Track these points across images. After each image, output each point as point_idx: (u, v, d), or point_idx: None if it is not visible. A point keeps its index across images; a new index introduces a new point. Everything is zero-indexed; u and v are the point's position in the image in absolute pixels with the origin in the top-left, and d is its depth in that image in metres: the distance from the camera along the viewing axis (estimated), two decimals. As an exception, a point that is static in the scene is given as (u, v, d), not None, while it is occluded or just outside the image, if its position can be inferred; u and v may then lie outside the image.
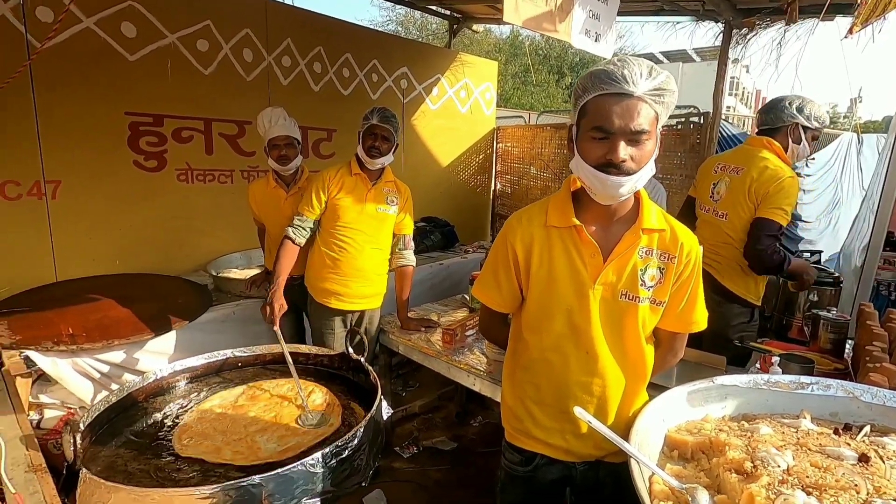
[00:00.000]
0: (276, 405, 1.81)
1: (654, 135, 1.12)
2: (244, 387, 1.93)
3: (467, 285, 4.15)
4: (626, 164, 1.09)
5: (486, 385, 2.07)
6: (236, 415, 1.72)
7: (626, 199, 1.20)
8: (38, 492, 1.16)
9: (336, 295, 2.43)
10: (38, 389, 2.34)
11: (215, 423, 1.67)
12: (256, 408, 1.78)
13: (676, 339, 1.31)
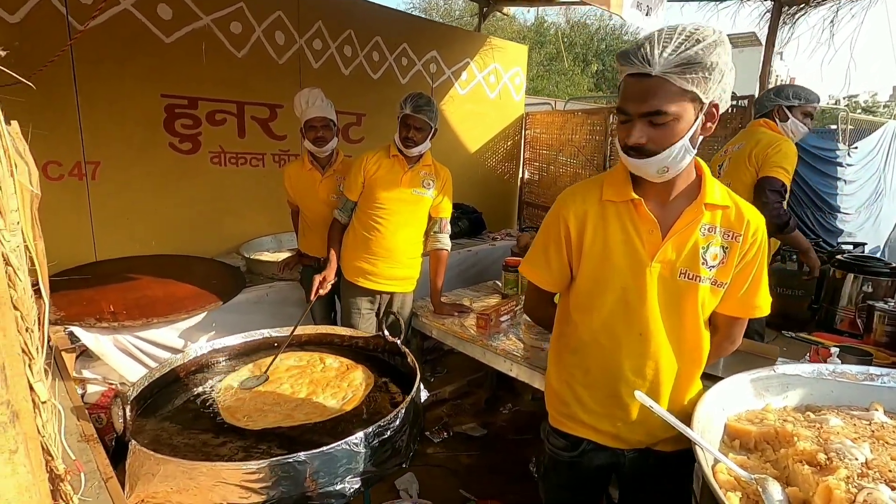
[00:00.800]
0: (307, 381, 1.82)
1: (684, 113, 1.04)
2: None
3: (497, 272, 4.14)
4: (644, 146, 1.06)
5: (524, 370, 2.04)
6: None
7: (682, 174, 1.13)
8: (92, 461, 1.17)
9: (365, 274, 2.42)
10: (80, 365, 2.40)
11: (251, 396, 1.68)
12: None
13: (735, 324, 1.24)
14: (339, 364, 1.94)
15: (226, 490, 1.23)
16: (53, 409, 0.75)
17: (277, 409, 1.60)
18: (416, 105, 2.31)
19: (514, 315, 2.53)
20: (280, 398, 1.67)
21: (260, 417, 1.55)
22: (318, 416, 1.60)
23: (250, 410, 1.61)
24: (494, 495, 2.37)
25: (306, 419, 1.57)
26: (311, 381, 1.81)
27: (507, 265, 2.76)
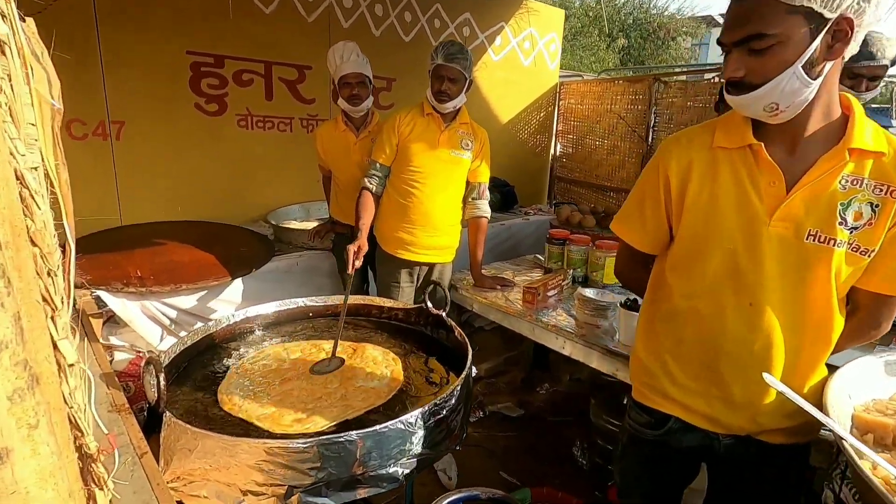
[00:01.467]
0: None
1: (793, 34, 0.84)
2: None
3: (531, 247, 3.96)
4: (742, 79, 0.90)
5: (579, 348, 1.88)
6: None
7: (815, 112, 0.92)
8: (124, 433, 1.06)
9: (404, 245, 2.26)
10: (106, 331, 2.31)
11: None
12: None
13: (885, 305, 1.00)
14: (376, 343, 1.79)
15: (270, 468, 1.10)
16: (82, 375, 0.61)
17: (324, 400, 1.44)
18: (449, 53, 2.11)
19: (561, 290, 2.36)
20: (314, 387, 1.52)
21: (315, 412, 1.39)
22: (373, 398, 1.45)
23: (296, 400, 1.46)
24: (537, 479, 2.24)
25: (366, 405, 1.42)
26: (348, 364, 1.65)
27: (552, 237, 2.58)
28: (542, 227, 4.11)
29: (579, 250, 2.47)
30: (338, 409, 1.38)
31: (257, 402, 1.39)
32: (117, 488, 0.90)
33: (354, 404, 1.41)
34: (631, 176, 4.50)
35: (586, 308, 1.95)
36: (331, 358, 1.63)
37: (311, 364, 1.61)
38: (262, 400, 1.40)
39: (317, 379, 1.52)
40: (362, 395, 1.47)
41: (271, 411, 1.35)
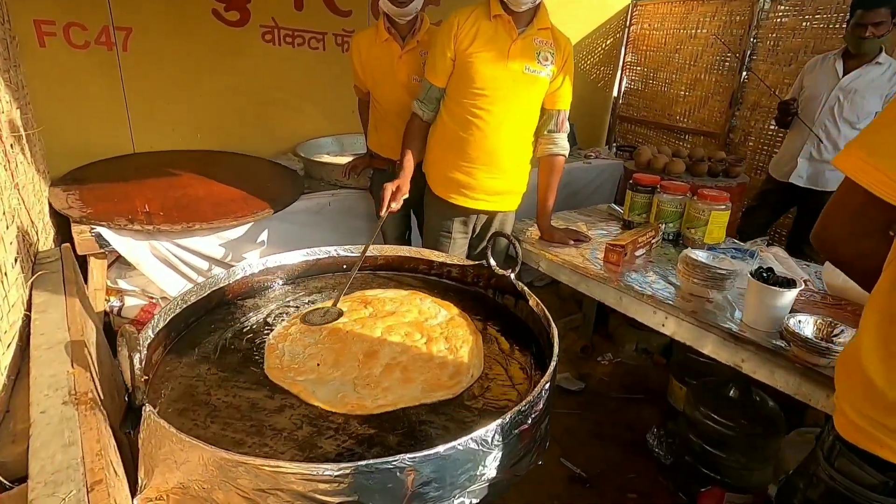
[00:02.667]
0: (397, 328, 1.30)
1: None
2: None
3: (594, 196, 3.46)
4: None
5: (686, 328, 1.45)
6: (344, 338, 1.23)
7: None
8: (76, 443, 0.71)
9: (460, 188, 1.83)
10: (115, 274, 2.02)
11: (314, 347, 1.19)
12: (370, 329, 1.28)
13: None
14: (435, 305, 1.41)
15: (287, 498, 0.76)
16: None
17: (367, 378, 1.09)
18: None
19: (650, 249, 1.91)
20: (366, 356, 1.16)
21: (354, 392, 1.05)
22: (437, 390, 1.09)
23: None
24: (606, 471, 1.90)
25: (424, 397, 1.07)
26: (407, 333, 1.27)
27: (638, 183, 2.09)
28: (605, 174, 3.59)
29: (673, 200, 1.98)
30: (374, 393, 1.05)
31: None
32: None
33: (399, 392, 1.05)
34: (714, 117, 3.85)
35: (695, 275, 1.51)
36: (329, 307, 1.31)
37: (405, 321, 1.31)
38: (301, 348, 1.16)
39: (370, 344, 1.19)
40: (418, 380, 1.11)
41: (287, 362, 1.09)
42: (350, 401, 1.02)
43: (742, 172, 2.75)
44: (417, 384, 1.10)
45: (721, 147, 3.67)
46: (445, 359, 1.20)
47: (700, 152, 2.85)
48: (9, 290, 1.01)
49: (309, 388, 1.04)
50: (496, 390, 1.13)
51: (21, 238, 1.21)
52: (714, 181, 2.58)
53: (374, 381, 1.08)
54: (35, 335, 0.99)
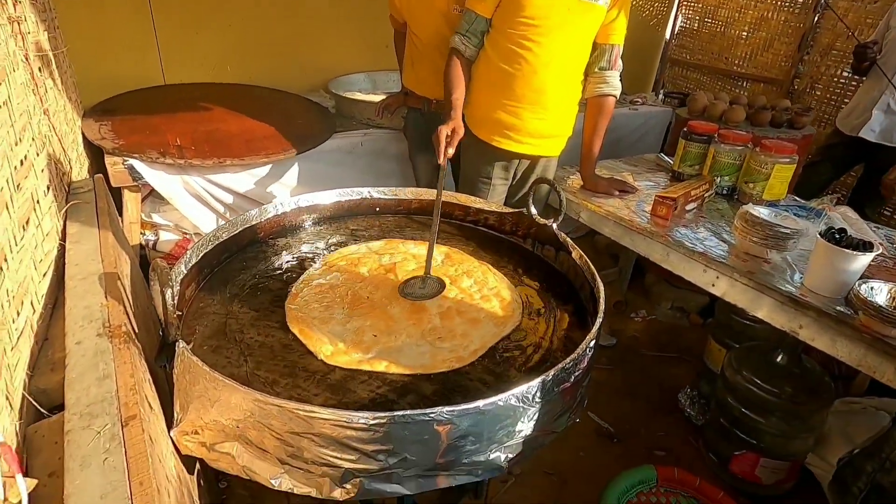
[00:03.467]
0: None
1: None
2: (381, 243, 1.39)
3: (638, 144, 3.25)
4: None
5: (740, 289, 1.36)
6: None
7: None
8: (110, 377, 0.70)
9: (503, 129, 1.71)
10: (150, 208, 2.02)
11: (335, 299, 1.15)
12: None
13: None
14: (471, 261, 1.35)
15: (320, 445, 0.74)
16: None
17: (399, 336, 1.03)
18: None
19: (702, 203, 1.78)
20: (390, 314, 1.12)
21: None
22: (506, 323, 1.09)
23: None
24: (636, 428, 1.87)
25: (500, 331, 1.06)
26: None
27: (693, 131, 1.93)
28: (652, 121, 3.36)
29: (732, 151, 1.82)
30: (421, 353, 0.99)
31: (326, 321, 1.04)
32: (76, 480, 0.55)
33: (444, 350, 1.00)
34: (779, 61, 3.51)
35: (754, 233, 1.39)
36: (425, 276, 1.21)
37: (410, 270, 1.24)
38: (332, 317, 1.06)
39: (397, 305, 1.12)
40: (482, 318, 1.09)
41: (342, 343, 0.99)
42: (444, 356, 0.98)
43: (809, 123, 2.51)
44: (485, 322, 1.09)
45: (783, 96, 3.36)
46: (489, 298, 1.17)
47: (762, 100, 2.61)
48: (42, 218, 0.99)
49: (386, 360, 0.96)
50: (532, 344, 1.09)
51: (53, 166, 1.19)
52: (777, 132, 2.37)
53: (446, 333, 1.05)
54: (70, 265, 0.98)
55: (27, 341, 0.79)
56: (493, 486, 1.57)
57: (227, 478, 1.54)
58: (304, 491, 0.78)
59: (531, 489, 1.60)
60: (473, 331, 1.06)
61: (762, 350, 1.61)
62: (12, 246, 0.79)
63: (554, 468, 1.67)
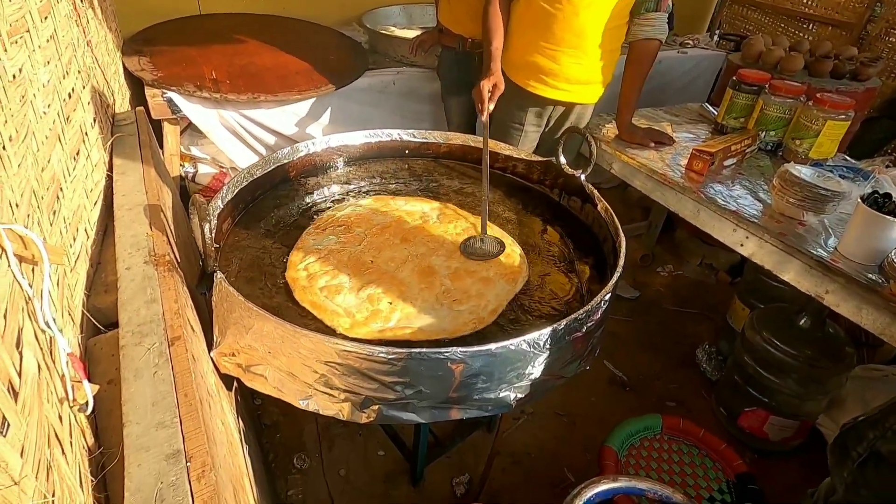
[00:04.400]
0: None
1: None
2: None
3: (686, 91, 3.08)
4: None
5: (769, 251, 1.33)
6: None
7: None
8: (156, 300, 0.77)
9: (539, 74, 1.65)
10: (188, 141, 2.08)
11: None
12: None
13: None
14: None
15: (344, 373, 0.81)
16: None
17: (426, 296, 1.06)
18: None
19: (742, 158, 1.71)
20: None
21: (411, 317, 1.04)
22: (516, 280, 1.11)
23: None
24: (650, 379, 1.92)
25: (513, 289, 1.09)
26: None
27: (742, 80, 1.81)
28: (701, 67, 3.14)
29: (783, 104, 1.71)
30: (441, 316, 1.01)
31: (337, 292, 1.03)
32: (131, 388, 0.63)
33: (465, 312, 1.03)
34: (851, 2, 3.18)
35: (792, 194, 1.34)
36: (482, 236, 1.22)
37: (407, 229, 1.24)
38: (342, 287, 1.04)
39: (404, 269, 1.12)
40: (492, 276, 1.11)
41: (359, 314, 0.99)
42: (464, 319, 0.99)
43: (875, 75, 2.31)
44: (496, 280, 1.10)
45: (853, 42, 3.07)
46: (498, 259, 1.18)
47: (826, 47, 2.39)
48: (90, 149, 1.05)
49: (408, 327, 0.97)
50: (549, 295, 1.12)
51: (97, 98, 1.24)
52: (837, 84, 2.19)
53: (461, 295, 1.05)
54: (117, 195, 1.05)
55: (83, 265, 0.87)
56: (505, 421, 1.67)
57: (260, 396, 1.68)
58: (330, 413, 0.87)
59: (541, 428, 1.70)
60: (487, 290, 1.07)
61: (786, 312, 1.60)
62: (66, 176, 0.85)
63: (565, 410, 1.76)
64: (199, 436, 0.59)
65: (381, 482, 1.48)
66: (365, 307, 1.01)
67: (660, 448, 1.33)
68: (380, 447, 1.58)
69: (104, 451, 0.63)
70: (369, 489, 1.46)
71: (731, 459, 1.28)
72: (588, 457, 1.58)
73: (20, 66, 0.69)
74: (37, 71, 0.78)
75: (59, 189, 0.81)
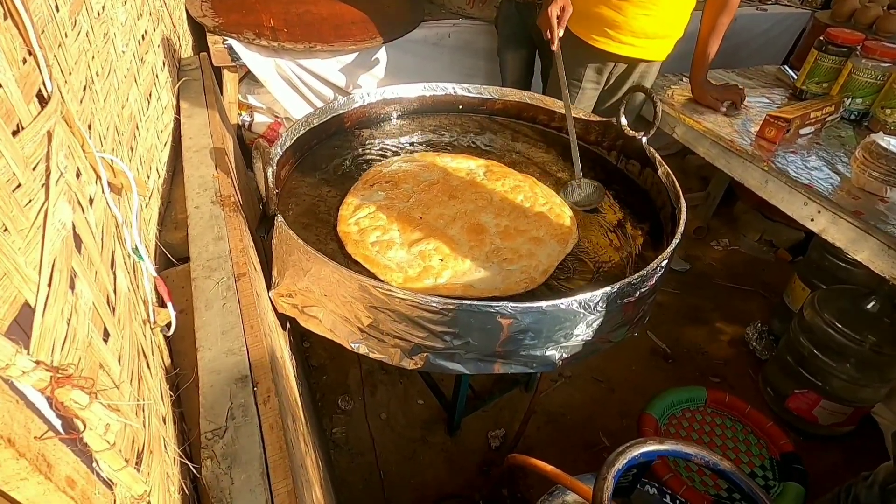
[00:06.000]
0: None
1: None
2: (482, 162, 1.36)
3: (764, 53, 2.84)
4: None
5: (844, 227, 1.25)
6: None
7: None
8: (223, 238, 0.81)
9: (603, 26, 1.56)
10: (245, 90, 2.11)
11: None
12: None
13: None
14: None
15: (395, 320, 0.84)
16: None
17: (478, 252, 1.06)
18: None
19: (822, 127, 1.58)
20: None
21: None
22: (567, 240, 1.10)
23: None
24: (693, 352, 1.88)
25: (563, 248, 1.08)
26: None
27: (830, 40, 1.65)
28: (782, 26, 2.89)
29: (875, 69, 1.56)
30: (493, 274, 1.01)
31: (388, 247, 1.04)
32: (203, 317, 0.68)
33: (516, 270, 1.03)
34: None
35: (878, 167, 1.24)
36: (580, 180, 1.22)
37: (454, 185, 1.24)
38: (393, 242, 1.05)
39: (454, 227, 1.12)
40: (543, 236, 1.10)
41: (411, 269, 1.00)
42: (516, 278, 0.99)
43: None
44: (546, 240, 1.09)
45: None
46: (545, 215, 1.16)
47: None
48: (161, 92, 1.09)
49: (460, 284, 0.98)
50: (602, 258, 1.10)
51: (165, 42, 1.27)
52: (941, 48, 1.97)
53: (511, 254, 1.05)
54: (185, 138, 1.09)
55: (156, 202, 0.92)
56: (543, 381, 1.69)
57: (309, 339, 1.77)
58: (378, 357, 0.90)
59: (579, 391, 1.71)
60: (538, 250, 1.06)
61: (853, 294, 1.51)
62: (141, 116, 0.89)
63: (604, 377, 1.76)
64: (264, 364, 0.63)
65: (420, 428, 1.55)
66: (417, 263, 1.02)
67: (702, 420, 1.31)
68: (419, 396, 1.64)
69: (179, 372, 0.68)
70: (408, 433, 1.53)
71: (778, 438, 1.25)
72: (624, 422, 1.59)
73: (103, 4, 0.72)
74: (116, 9, 0.80)
75: (136, 127, 0.85)
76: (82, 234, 0.40)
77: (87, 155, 0.45)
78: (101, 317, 0.40)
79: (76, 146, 0.43)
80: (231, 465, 0.52)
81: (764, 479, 1.18)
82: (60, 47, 0.50)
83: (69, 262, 0.35)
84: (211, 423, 0.55)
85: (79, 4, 0.59)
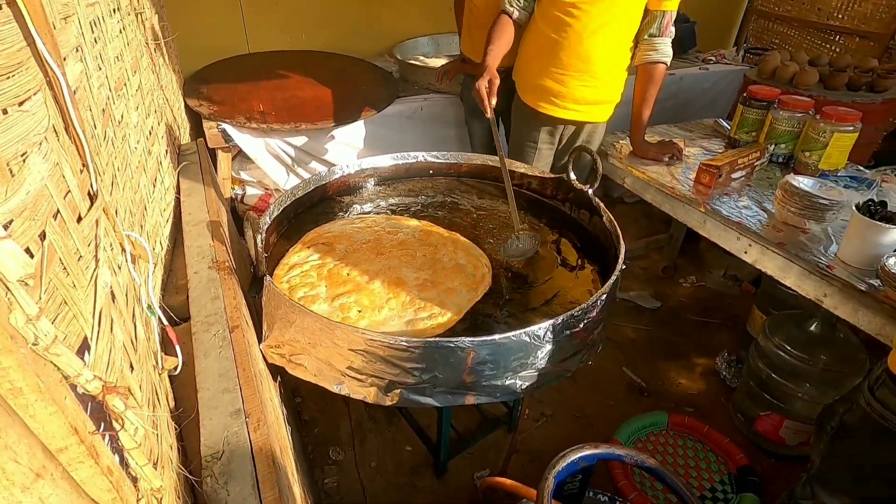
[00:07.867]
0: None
1: None
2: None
3: (709, 107, 3.14)
4: None
5: (771, 257, 1.41)
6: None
7: None
8: (219, 297, 0.94)
9: (549, 96, 1.79)
10: (238, 166, 2.32)
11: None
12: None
13: None
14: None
15: (370, 360, 0.96)
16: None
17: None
18: None
19: (752, 172, 1.78)
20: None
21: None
22: (478, 286, 1.22)
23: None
24: (668, 386, 1.98)
25: (473, 297, 1.20)
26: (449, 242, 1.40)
27: (752, 97, 1.89)
28: (724, 83, 3.20)
29: (791, 118, 1.78)
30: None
31: (312, 301, 1.14)
32: (202, 364, 0.80)
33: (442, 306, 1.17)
34: (879, 11, 3.18)
35: (793, 203, 1.42)
36: (519, 233, 1.35)
37: (384, 244, 1.38)
38: (318, 297, 1.15)
39: (384, 275, 1.23)
40: (456, 286, 1.23)
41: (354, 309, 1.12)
42: (424, 325, 1.09)
43: (893, 86, 2.32)
44: (460, 289, 1.20)
45: (880, 53, 3.07)
46: (456, 262, 1.28)
47: (845, 60, 2.43)
48: (164, 176, 1.26)
49: (378, 331, 1.03)
50: (558, 297, 1.23)
51: (168, 133, 1.46)
52: (852, 96, 2.23)
53: (424, 303, 1.15)
54: (185, 213, 1.25)
55: (160, 270, 1.06)
56: (526, 422, 1.77)
57: (300, 394, 1.85)
58: (358, 396, 1.01)
59: (560, 428, 1.79)
60: (449, 299, 1.16)
61: (798, 318, 1.64)
62: (149, 199, 1.05)
63: (583, 412, 1.84)
64: (255, 398, 0.74)
65: (408, 474, 1.61)
66: (336, 314, 1.11)
67: (665, 442, 1.40)
68: (407, 442, 1.71)
69: (181, 412, 0.79)
70: (397, 479, 1.59)
71: (734, 454, 1.34)
72: (604, 456, 1.66)
73: (122, 113, 0.89)
74: (130, 114, 0.98)
75: (144, 208, 1.00)
76: (115, 292, 0.54)
77: (117, 233, 0.60)
78: (128, 353, 0.53)
79: (110, 227, 0.57)
80: (227, 480, 0.63)
81: (723, 493, 1.25)
82: (98, 155, 0.66)
83: (110, 312, 0.48)
84: (210, 449, 0.67)
85: (107, 118, 0.76)
